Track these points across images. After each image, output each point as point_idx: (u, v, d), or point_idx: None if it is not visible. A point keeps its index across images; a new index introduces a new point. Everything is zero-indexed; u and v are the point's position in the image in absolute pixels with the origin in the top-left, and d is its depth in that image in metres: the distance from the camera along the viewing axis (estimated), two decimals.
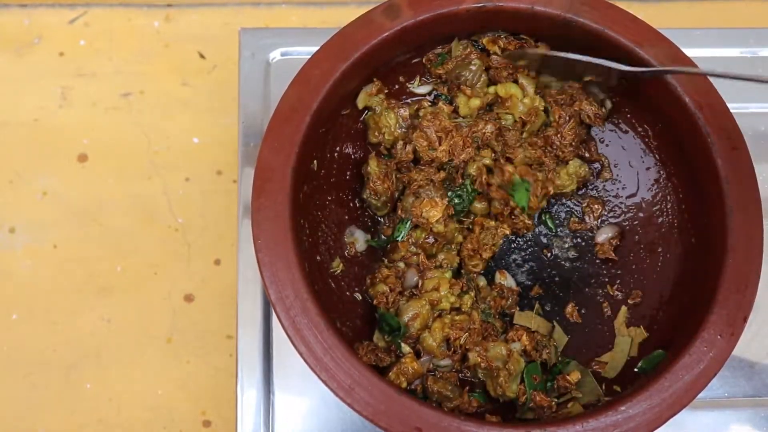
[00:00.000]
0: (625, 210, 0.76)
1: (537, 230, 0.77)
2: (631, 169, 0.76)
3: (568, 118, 0.72)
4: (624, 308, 0.73)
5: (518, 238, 0.77)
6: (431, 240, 0.72)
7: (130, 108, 1.02)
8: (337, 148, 0.74)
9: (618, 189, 0.76)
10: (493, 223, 0.74)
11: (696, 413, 0.75)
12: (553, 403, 0.67)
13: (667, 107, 0.69)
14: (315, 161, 0.71)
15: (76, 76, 1.03)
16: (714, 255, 0.65)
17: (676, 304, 0.70)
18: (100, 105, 1.02)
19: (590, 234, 0.76)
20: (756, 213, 0.64)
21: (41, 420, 0.92)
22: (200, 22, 1.06)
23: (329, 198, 0.73)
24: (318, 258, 0.71)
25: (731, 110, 0.66)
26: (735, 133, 0.66)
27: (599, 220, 0.76)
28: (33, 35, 1.04)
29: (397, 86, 0.75)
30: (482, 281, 0.74)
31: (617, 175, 0.77)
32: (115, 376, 0.94)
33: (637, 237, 0.75)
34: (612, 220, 0.76)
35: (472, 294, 0.72)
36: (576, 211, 0.77)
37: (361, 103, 0.73)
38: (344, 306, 0.71)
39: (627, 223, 0.76)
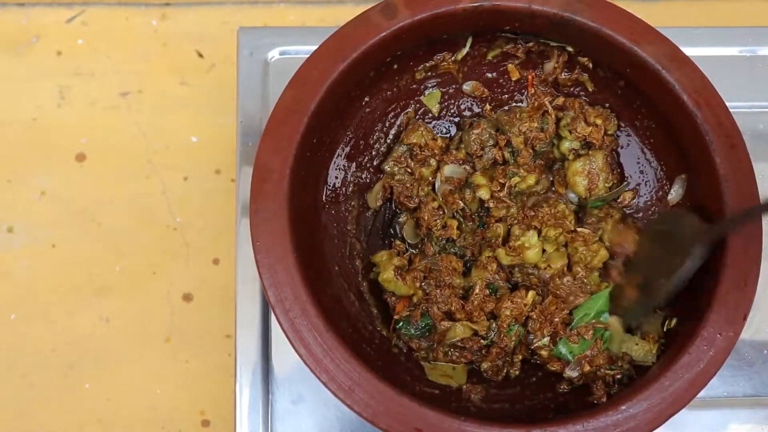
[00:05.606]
0: (624, 209, 0.76)
1: None
2: (629, 169, 0.76)
3: None
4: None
5: None
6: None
7: (128, 107, 1.02)
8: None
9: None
10: None
11: (696, 412, 0.75)
12: None
13: (665, 106, 0.69)
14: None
15: (74, 76, 1.03)
16: (713, 254, 0.65)
17: (676, 303, 0.70)
18: (98, 104, 1.02)
19: None
20: None
21: (40, 420, 0.92)
22: (198, 20, 1.06)
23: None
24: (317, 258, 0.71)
25: (730, 109, 0.66)
26: (733, 131, 0.66)
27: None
28: (31, 34, 1.04)
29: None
30: None
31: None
32: (113, 375, 0.94)
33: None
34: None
35: None
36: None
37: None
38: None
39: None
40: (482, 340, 0.70)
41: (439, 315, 0.71)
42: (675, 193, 0.73)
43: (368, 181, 0.76)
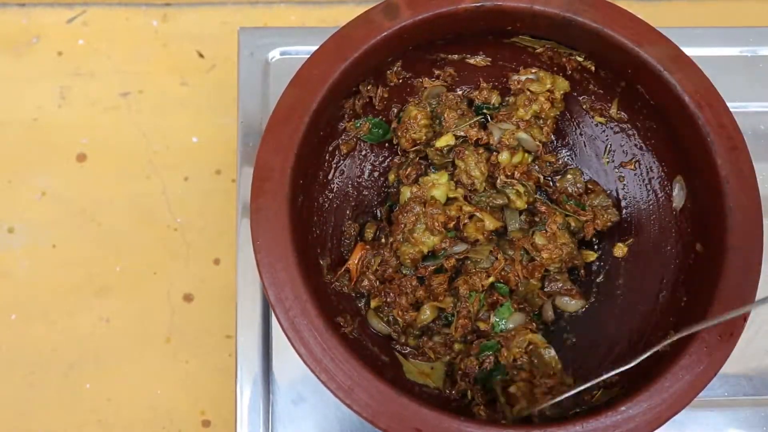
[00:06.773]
0: (624, 210, 0.76)
1: None
2: (629, 169, 0.76)
3: None
4: None
5: None
6: None
7: (128, 107, 1.02)
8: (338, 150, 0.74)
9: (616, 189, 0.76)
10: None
11: (696, 413, 0.75)
12: None
13: (666, 107, 0.69)
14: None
15: (74, 76, 1.03)
16: (713, 255, 0.65)
17: (676, 304, 0.70)
18: (98, 104, 1.02)
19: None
20: (756, 212, 0.64)
21: (40, 420, 0.92)
22: (199, 21, 1.06)
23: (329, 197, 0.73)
24: (318, 257, 0.71)
25: (731, 109, 0.66)
26: (734, 132, 0.66)
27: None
28: (31, 35, 1.04)
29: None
30: None
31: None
32: (114, 375, 0.94)
33: (635, 237, 0.75)
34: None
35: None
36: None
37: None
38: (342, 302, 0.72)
39: (625, 223, 0.76)
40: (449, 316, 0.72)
41: (405, 306, 0.71)
42: (676, 195, 0.73)
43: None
